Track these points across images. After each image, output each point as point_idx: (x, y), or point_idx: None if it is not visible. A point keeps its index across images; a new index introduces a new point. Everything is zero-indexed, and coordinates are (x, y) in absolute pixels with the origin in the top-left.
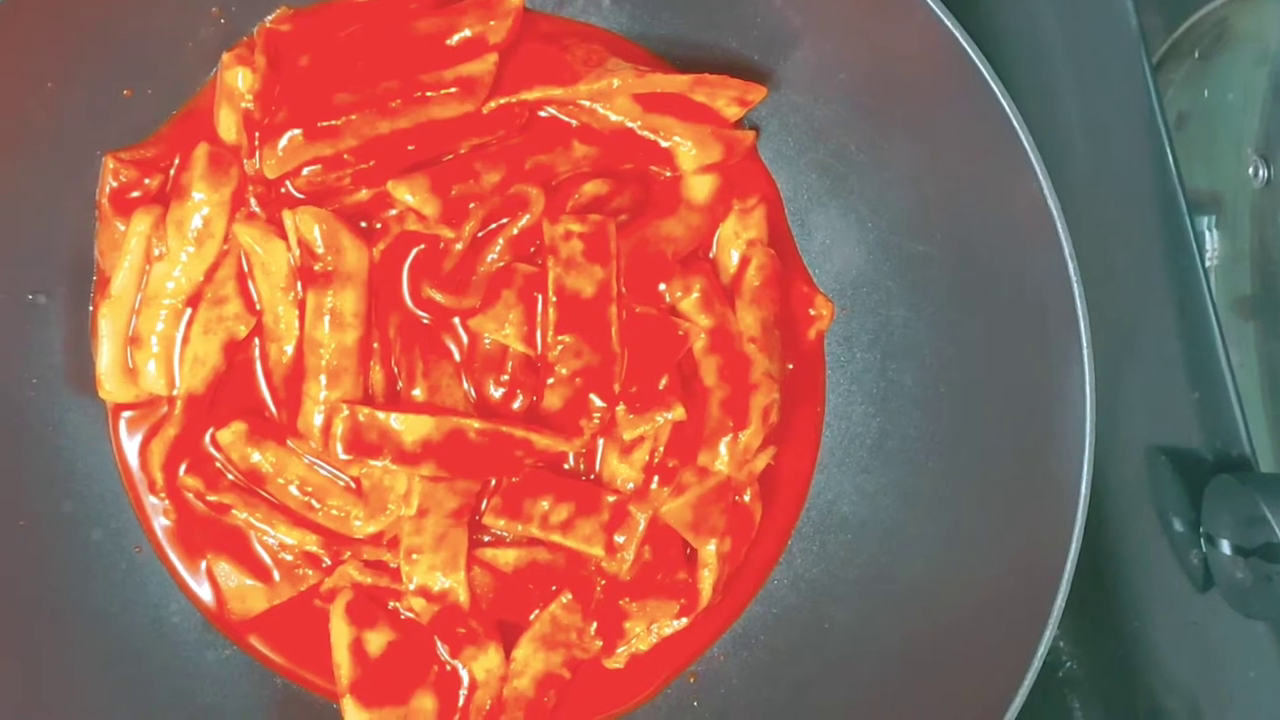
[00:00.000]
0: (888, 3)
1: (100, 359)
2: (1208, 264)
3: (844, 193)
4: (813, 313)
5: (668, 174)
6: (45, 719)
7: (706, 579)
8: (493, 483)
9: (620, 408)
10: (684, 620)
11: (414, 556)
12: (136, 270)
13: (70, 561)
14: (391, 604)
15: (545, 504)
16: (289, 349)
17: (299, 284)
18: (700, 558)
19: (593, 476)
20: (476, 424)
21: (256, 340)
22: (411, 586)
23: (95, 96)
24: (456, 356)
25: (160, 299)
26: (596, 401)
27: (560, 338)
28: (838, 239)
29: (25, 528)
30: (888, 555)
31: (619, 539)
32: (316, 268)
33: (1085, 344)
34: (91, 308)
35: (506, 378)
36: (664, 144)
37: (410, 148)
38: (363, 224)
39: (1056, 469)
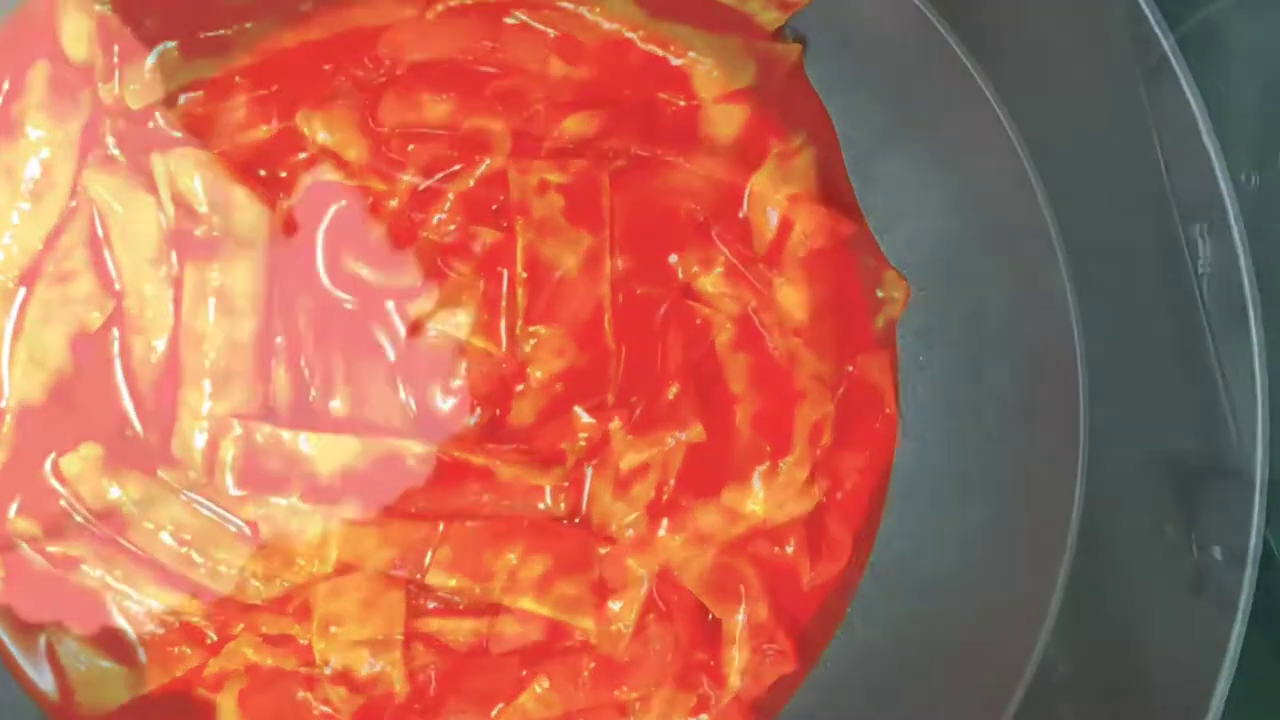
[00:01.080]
0: None
1: None
2: None
3: (919, 132)
4: (880, 295)
5: (681, 103)
6: None
7: (734, 661)
8: (440, 528)
9: (616, 425)
10: (703, 717)
11: (332, 629)
12: None
13: None
14: (301, 694)
15: (513, 557)
16: (160, 344)
17: (173, 255)
18: (725, 631)
19: (578, 520)
20: (417, 447)
21: (116, 331)
22: (328, 670)
23: None
24: (390, 355)
25: None
26: (583, 417)
27: (534, 329)
28: (912, 195)
29: None
30: (982, 625)
31: (614, 605)
32: (198, 232)
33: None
34: None
35: (459, 384)
36: (676, 61)
37: (326, 67)
38: (262, 172)
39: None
